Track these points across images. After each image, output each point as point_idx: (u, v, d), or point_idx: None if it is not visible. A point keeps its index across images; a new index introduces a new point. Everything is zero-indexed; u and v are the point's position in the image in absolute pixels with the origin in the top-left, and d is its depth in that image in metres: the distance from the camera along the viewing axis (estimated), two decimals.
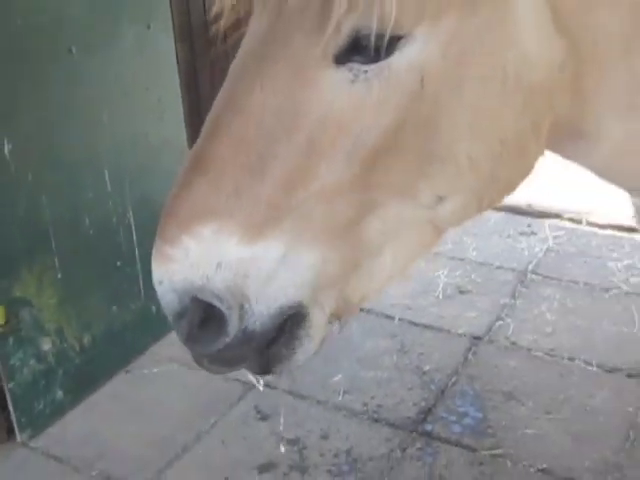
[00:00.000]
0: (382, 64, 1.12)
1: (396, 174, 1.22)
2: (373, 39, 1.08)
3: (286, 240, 1.19)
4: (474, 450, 2.91)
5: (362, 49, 1.11)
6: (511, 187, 1.40)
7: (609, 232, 4.54)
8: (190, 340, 1.20)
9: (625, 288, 3.94)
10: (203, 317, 1.18)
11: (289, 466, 2.86)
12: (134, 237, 3.29)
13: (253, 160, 1.16)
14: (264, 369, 1.30)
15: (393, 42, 1.10)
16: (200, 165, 1.19)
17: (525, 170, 1.38)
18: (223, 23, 1.24)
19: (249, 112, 1.17)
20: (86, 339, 3.17)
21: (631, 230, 4.47)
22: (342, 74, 1.13)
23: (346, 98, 1.14)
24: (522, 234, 4.54)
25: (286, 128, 1.15)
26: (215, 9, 1.24)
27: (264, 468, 2.85)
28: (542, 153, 1.40)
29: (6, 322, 2.80)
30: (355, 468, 2.84)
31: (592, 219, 4.64)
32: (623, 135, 1.38)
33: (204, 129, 1.23)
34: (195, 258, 1.15)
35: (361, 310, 3.74)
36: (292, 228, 1.19)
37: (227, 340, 1.18)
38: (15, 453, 2.93)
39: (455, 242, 4.39)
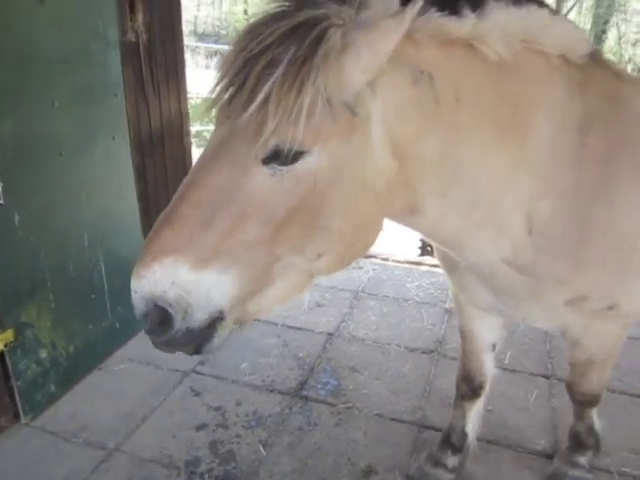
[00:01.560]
0: (291, 167, 1.15)
1: (293, 236, 1.21)
2: (286, 152, 1.13)
3: (218, 271, 1.18)
4: (334, 405, 3.00)
5: (280, 156, 1.14)
6: (364, 252, 1.41)
7: (405, 265, 4.77)
8: (151, 332, 1.22)
9: (417, 299, 4.18)
10: (160, 317, 1.19)
11: (216, 425, 2.86)
12: (104, 278, 3.23)
13: (204, 218, 1.16)
14: (195, 351, 1.29)
15: (298, 154, 1.14)
16: (169, 219, 1.19)
17: (373, 240, 1.38)
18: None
19: (205, 187, 1.17)
20: (71, 348, 3.07)
21: (418, 263, 4.79)
22: (266, 170, 1.15)
23: (267, 185, 1.16)
24: (354, 268, 4.65)
25: (228, 199, 1.16)
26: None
27: (199, 427, 2.84)
28: (382, 228, 1.40)
29: (15, 339, 2.69)
30: (260, 423, 2.87)
31: (394, 258, 4.86)
32: (438, 212, 1.42)
33: (175, 195, 1.22)
34: (158, 278, 1.16)
35: (257, 320, 3.84)
36: (223, 264, 1.18)
37: (172, 332, 1.20)
38: (21, 432, 2.78)
39: None
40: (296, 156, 1.14)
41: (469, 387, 2.37)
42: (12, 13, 2.48)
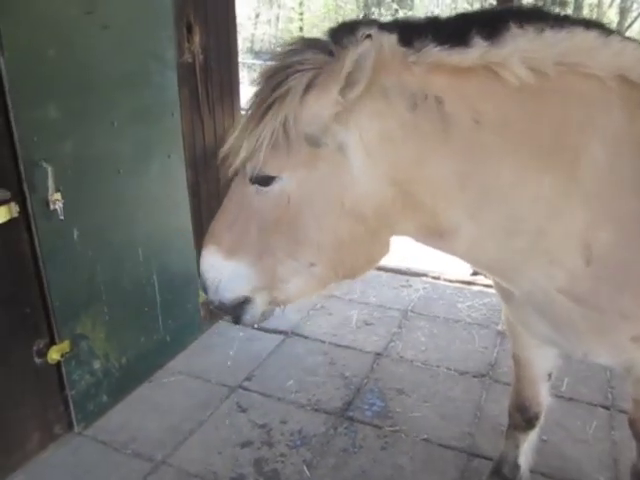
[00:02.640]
0: (268, 188, 1.33)
1: (282, 243, 1.37)
2: (257, 176, 1.33)
3: (237, 263, 1.42)
4: (380, 427, 2.94)
5: (261, 180, 1.33)
6: (358, 270, 1.47)
7: (457, 284, 4.66)
8: (207, 299, 1.51)
9: (468, 320, 4.06)
10: (203, 286, 1.50)
11: (261, 442, 2.85)
12: (157, 292, 3.31)
13: (229, 221, 1.42)
14: (235, 322, 1.53)
15: (271, 178, 1.32)
16: (215, 219, 1.47)
17: (367, 260, 1.46)
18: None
19: (229, 197, 1.45)
20: (123, 360, 3.14)
21: (470, 283, 4.67)
22: (253, 189, 1.36)
23: (256, 200, 1.37)
24: (403, 286, 4.62)
25: (240, 208, 1.41)
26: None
27: (245, 444, 2.84)
28: (387, 251, 1.47)
29: (71, 350, 2.78)
30: (305, 442, 2.85)
31: (445, 276, 4.76)
32: (472, 236, 1.40)
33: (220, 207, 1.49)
34: (204, 260, 1.47)
35: (304, 337, 3.84)
36: (240, 257, 1.41)
37: (210, 300, 1.50)
38: (73, 440, 2.86)
39: (362, 292, 4.48)
40: (269, 180, 1.33)
41: (523, 417, 2.27)
42: (77, 39, 2.61)
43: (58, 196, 2.56)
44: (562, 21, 1.28)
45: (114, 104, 2.86)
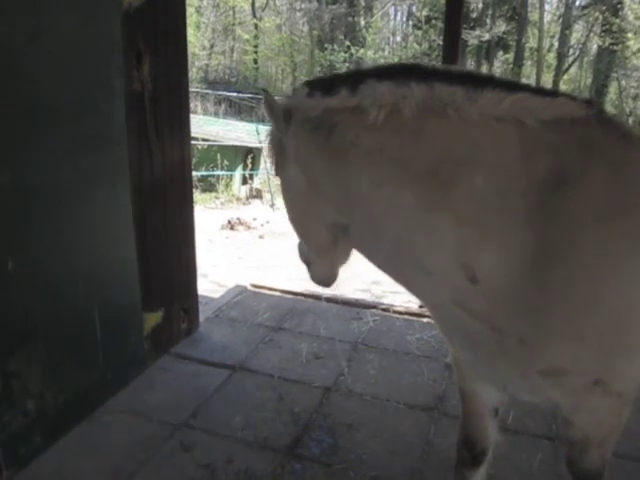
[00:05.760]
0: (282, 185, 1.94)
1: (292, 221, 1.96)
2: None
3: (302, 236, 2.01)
4: (329, 465, 2.87)
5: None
6: (321, 248, 1.94)
7: (406, 316, 4.69)
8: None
9: (417, 352, 4.07)
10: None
11: None
12: (98, 326, 3.16)
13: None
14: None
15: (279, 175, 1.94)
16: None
17: (317, 240, 1.93)
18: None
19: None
20: (60, 399, 2.95)
21: (419, 315, 4.71)
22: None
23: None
24: (354, 318, 4.60)
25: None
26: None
27: None
28: (328, 240, 1.85)
29: (2, 389, 2.61)
30: None
31: (395, 308, 4.80)
32: (355, 235, 1.74)
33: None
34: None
35: (251, 371, 3.75)
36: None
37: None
38: None
39: (312, 324, 4.46)
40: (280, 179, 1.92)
41: (470, 453, 2.25)
42: (17, 61, 2.51)
43: None
44: (431, 76, 1.53)
45: (57, 131, 2.76)
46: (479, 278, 1.47)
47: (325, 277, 2.05)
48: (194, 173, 3.87)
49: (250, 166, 16.10)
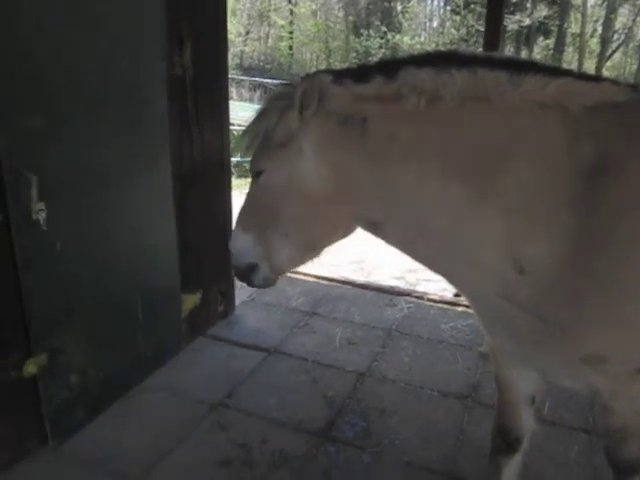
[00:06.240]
0: (260, 178, 1.75)
1: (269, 220, 1.73)
2: (256, 171, 1.77)
3: (250, 237, 1.79)
4: (362, 448, 2.90)
5: (256, 173, 1.77)
6: (318, 243, 1.80)
7: (440, 305, 4.66)
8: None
9: (452, 341, 4.05)
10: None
11: (240, 462, 2.79)
12: (139, 307, 3.24)
13: (247, 207, 1.84)
14: (248, 284, 1.89)
15: (261, 172, 1.74)
16: (240, 207, 1.87)
17: (322, 234, 1.77)
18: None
19: (250, 191, 1.84)
20: (101, 375, 3.06)
21: (453, 304, 4.67)
22: (255, 180, 1.79)
23: (256, 189, 1.80)
24: (387, 305, 4.59)
25: (251, 196, 1.84)
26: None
27: (223, 464, 2.78)
28: (340, 232, 1.78)
29: (48, 363, 2.71)
30: (285, 462, 2.80)
31: (429, 297, 4.77)
32: (394, 229, 1.64)
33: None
34: (232, 237, 1.87)
35: (286, 355, 3.79)
36: (253, 233, 1.79)
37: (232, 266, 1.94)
38: (47, 456, 2.77)
39: (346, 310, 4.47)
40: (260, 172, 1.74)
41: (504, 441, 2.24)
42: (65, 44, 2.57)
43: (41, 206, 2.51)
44: (472, 62, 1.48)
45: (102, 114, 2.82)
46: (526, 268, 1.46)
47: (272, 279, 1.86)
48: (230, 159, 3.90)
49: None
